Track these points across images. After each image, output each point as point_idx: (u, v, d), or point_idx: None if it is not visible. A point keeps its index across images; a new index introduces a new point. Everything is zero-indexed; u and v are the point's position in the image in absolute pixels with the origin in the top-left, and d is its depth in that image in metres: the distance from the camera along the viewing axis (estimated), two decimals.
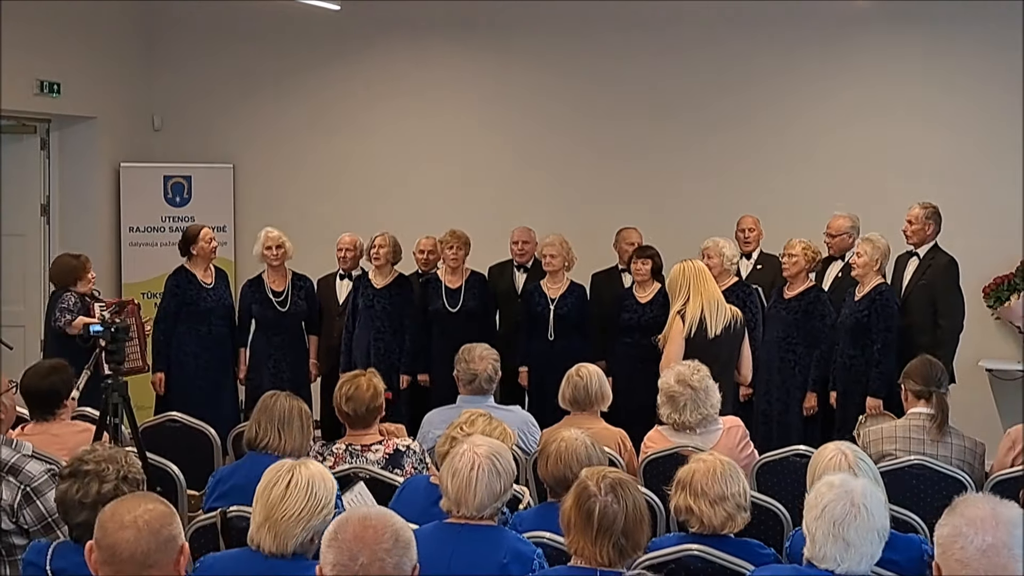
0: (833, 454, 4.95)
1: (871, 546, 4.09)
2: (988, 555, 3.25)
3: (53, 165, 12.16)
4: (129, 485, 4.59)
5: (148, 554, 3.55)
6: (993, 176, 10.85)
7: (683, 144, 11.70)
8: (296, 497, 4.25)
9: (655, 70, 11.73)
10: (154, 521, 3.59)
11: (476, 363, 7.55)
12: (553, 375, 7.63)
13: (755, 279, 9.91)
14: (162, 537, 3.59)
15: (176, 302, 9.77)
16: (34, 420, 6.54)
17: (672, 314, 8.23)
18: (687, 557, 4.80)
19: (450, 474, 4.69)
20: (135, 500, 3.67)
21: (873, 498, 4.12)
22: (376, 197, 12.24)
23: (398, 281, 10.15)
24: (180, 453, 7.05)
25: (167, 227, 12.24)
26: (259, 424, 5.93)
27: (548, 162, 12.06)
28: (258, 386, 9.73)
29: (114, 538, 3.55)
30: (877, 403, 8.54)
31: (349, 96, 12.53)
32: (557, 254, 9.99)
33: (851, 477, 4.27)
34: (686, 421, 6.71)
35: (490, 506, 4.72)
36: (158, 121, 12.87)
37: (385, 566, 3.41)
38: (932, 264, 9.14)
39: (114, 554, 3.55)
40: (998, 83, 10.79)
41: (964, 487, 6.21)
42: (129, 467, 4.66)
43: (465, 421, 5.71)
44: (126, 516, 3.58)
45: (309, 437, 6.03)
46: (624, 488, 4.31)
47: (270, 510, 4.26)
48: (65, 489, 4.58)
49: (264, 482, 4.34)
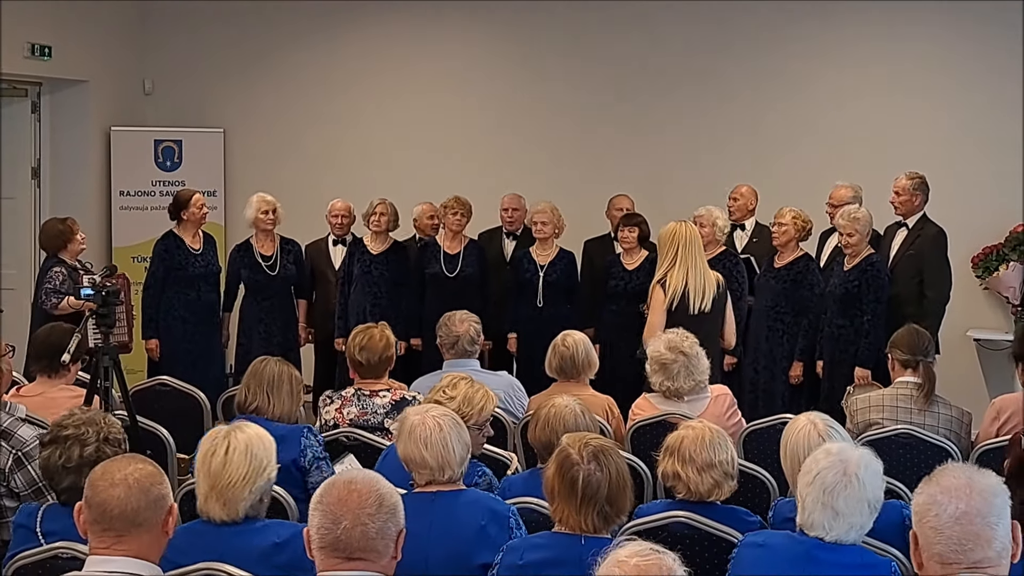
0: (804, 425, 4.96)
1: (861, 517, 4.11)
2: (961, 522, 3.25)
3: (44, 128, 12.12)
4: (111, 446, 4.65)
5: (137, 512, 3.58)
6: (983, 146, 10.85)
7: (680, 115, 11.66)
8: (237, 462, 4.28)
9: (652, 40, 11.68)
10: (144, 480, 3.62)
11: (456, 326, 7.60)
12: (541, 341, 7.66)
13: (751, 250, 9.90)
14: (151, 496, 3.62)
15: (164, 267, 9.75)
16: (37, 375, 6.56)
17: (653, 283, 8.23)
18: (674, 524, 4.82)
19: (421, 445, 4.66)
20: (125, 460, 3.71)
21: (869, 469, 4.13)
22: (368, 164, 12.21)
23: (395, 248, 10.19)
24: (170, 417, 7.09)
25: (157, 191, 12.21)
26: (249, 388, 5.97)
27: (541, 131, 12.03)
28: (248, 351, 9.76)
29: (104, 496, 3.58)
30: (865, 373, 8.57)
31: (341, 62, 12.50)
32: (548, 221, 9.99)
33: (851, 447, 4.27)
34: (680, 388, 6.70)
35: (467, 459, 4.76)
36: (149, 85, 12.83)
37: (368, 530, 3.43)
38: (921, 235, 9.16)
39: (104, 512, 3.58)
40: (993, 56, 10.78)
41: (950, 456, 6.23)
42: (109, 428, 4.71)
43: (447, 385, 5.70)
44: (116, 475, 3.61)
45: (298, 402, 6.08)
46: (606, 455, 4.31)
47: (214, 479, 4.28)
48: (48, 456, 4.64)
49: (202, 452, 4.35)
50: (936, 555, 3.27)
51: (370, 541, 3.42)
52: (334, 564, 3.43)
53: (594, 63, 11.86)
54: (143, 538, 3.59)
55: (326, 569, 3.45)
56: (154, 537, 3.63)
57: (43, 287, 9.12)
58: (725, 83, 11.56)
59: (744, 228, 10.19)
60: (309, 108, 12.57)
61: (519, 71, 12.13)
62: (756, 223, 10.23)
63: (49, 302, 9.00)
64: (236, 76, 12.68)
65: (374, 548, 3.43)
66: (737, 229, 10.07)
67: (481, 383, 5.81)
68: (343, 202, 10.56)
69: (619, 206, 10.46)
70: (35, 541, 4.55)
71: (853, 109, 11.18)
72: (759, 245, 9.98)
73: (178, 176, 12.27)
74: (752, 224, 10.23)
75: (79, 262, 9.30)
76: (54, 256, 9.27)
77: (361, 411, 6.65)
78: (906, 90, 11.08)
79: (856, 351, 8.73)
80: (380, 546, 3.44)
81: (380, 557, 3.44)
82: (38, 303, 9.21)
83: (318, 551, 3.46)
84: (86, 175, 12.18)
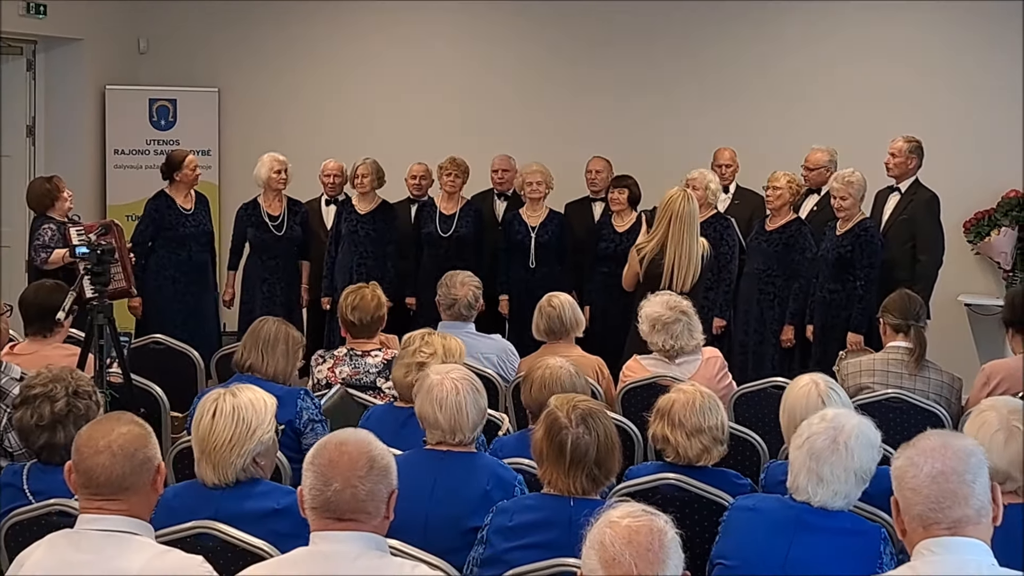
0: (806, 383, 5.01)
1: (845, 485, 4.13)
2: (938, 481, 3.28)
3: (39, 86, 12.11)
4: (80, 399, 4.73)
5: (124, 477, 3.60)
6: (976, 110, 10.86)
7: (668, 78, 11.67)
8: (224, 424, 4.30)
9: (643, 3, 11.67)
10: (128, 445, 3.64)
11: (457, 288, 7.63)
12: (533, 303, 7.67)
13: (732, 213, 9.87)
14: (136, 460, 3.64)
15: (154, 227, 9.78)
16: (30, 336, 6.58)
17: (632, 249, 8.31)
18: (664, 486, 4.85)
19: (436, 405, 4.73)
20: (109, 423, 3.72)
21: (861, 439, 4.15)
22: (363, 124, 12.19)
23: (382, 207, 10.19)
24: (164, 375, 7.11)
25: (152, 150, 12.21)
26: (245, 346, 6.02)
27: (532, 93, 12.03)
28: (251, 309, 9.85)
29: (89, 463, 3.61)
30: (858, 339, 8.58)
31: (337, 22, 12.47)
32: (541, 181, 10.01)
33: (849, 414, 4.28)
34: (684, 347, 6.74)
35: (480, 424, 4.81)
36: (143, 44, 12.79)
37: (358, 492, 3.44)
38: (914, 199, 9.17)
39: (90, 478, 3.61)
40: (987, 17, 10.78)
41: (941, 421, 6.27)
42: (77, 382, 4.77)
43: (421, 345, 5.79)
44: (100, 441, 3.63)
45: (294, 362, 6.09)
46: (595, 418, 4.33)
47: (203, 443, 4.32)
48: (20, 417, 4.71)
49: (195, 417, 4.39)
50: (916, 516, 3.31)
51: (360, 503, 3.44)
52: (325, 524, 3.46)
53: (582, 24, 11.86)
54: (131, 499, 3.61)
55: (318, 529, 3.47)
56: (143, 496, 3.66)
57: (33, 244, 9.13)
58: (713, 44, 11.57)
59: (728, 192, 10.20)
60: (304, 68, 12.54)
61: (512, 32, 12.13)
62: (737, 186, 10.27)
63: (39, 257, 9.02)
64: (231, 36, 12.64)
65: (364, 509, 3.45)
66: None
67: (451, 335, 5.92)
68: (335, 162, 10.57)
69: (592, 167, 10.50)
70: (24, 500, 4.60)
71: (844, 72, 11.18)
72: (740, 208, 10.01)
73: (172, 135, 12.27)
74: (734, 187, 10.27)
75: (67, 217, 9.30)
76: (43, 215, 9.26)
77: (353, 370, 6.69)
78: (899, 54, 11.08)
79: (848, 316, 8.74)
80: (371, 507, 3.46)
81: (371, 518, 3.46)
82: (30, 260, 9.23)
83: (310, 511, 3.48)
84: (81, 134, 12.17)
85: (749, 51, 11.48)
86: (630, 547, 3.08)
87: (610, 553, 3.09)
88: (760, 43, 11.47)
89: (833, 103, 11.12)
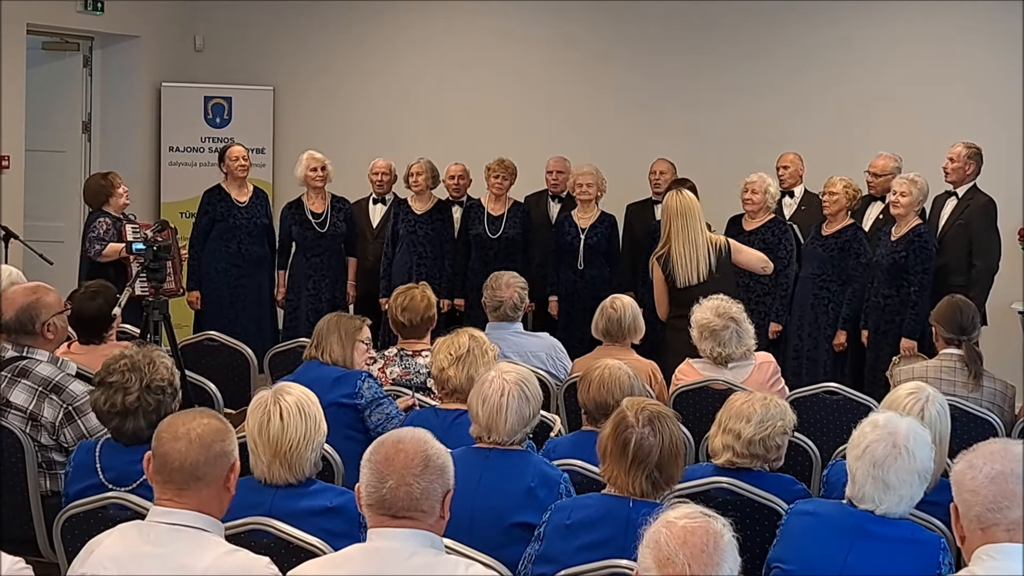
0: (912, 391, 4.92)
1: (911, 488, 4.10)
2: (997, 482, 3.32)
3: (95, 83, 12.22)
4: (153, 394, 4.81)
5: (197, 466, 3.63)
6: None
7: (725, 77, 11.64)
8: (295, 424, 4.32)
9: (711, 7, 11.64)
10: (206, 435, 3.67)
11: (502, 290, 7.63)
12: (581, 304, 7.67)
13: (798, 218, 9.81)
14: (212, 452, 3.67)
15: (207, 219, 9.92)
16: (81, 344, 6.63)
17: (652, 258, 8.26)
18: (715, 489, 4.84)
19: (480, 401, 4.78)
20: (193, 414, 3.77)
21: (917, 440, 4.12)
22: (415, 125, 12.21)
23: (438, 207, 10.23)
24: (217, 372, 7.17)
25: (206, 148, 12.29)
26: (310, 344, 6.26)
27: (587, 94, 12.01)
28: (296, 307, 9.91)
29: (166, 448, 3.65)
30: (912, 344, 8.52)
31: (391, 22, 12.50)
32: (592, 183, 9.98)
33: (897, 417, 4.24)
34: (732, 354, 6.70)
35: (520, 431, 4.81)
36: (200, 41, 12.88)
37: (413, 490, 3.46)
38: (971, 204, 9.05)
39: (165, 463, 3.64)
40: None
41: (995, 429, 6.22)
42: (152, 375, 4.83)
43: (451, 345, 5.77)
44: (180, 428, 3.67)
45: (351, 346, 6.20)
46: (662, 421, 4.34)
47: (275, 446, 4.31)
48: (96, 397, 4.86)
49: (256, 423, 4.36)
50: (975, 518, 3.33)
51: (415, 501, 3.45)
52: (381, 521, 3.47)
53: (646, 28, 11.84)
54: (203, 492, 3.63)
55: (374, 526, 3.48)
56: (214, 492, 3.67)
57: (88, 236, 9.23)
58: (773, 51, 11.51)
59: (793, 195, 10.12)
60: (359, 68, 12.59)
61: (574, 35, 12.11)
62: (805, 191, 10.15)
63: (93, 249, 9.12)
64: (287, 34, 12.70)
65: (419, 508, 3.46)
66: (785, 196, 10.00)
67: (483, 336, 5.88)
68: (384, 160, 10.58)
69: (657, 169, 10.48)
70: (94, 476, 4.76)
71: (903, 80, 11.09)
72: (807, 213, 9.90)
73: (227, 133, 12.33)
74: (801, 191, 10.13)
75: (123, 214, 9.38)
76: (98, 210, 9.35)
77: (404, 371, 6.71)
78: (958, 61, 10.99)
79: (902, 321, 8.68)
80: (425, 506, 3.47)
81: (426, 517, 3.47)
82: (84, 253, 9.32)
83: (366, 508, 3.50)
84: (136, 130, 12.26)
85: (819, 56, 11.42)
86: (684, 547, 3.09)
87: (664, 553, 3.10)
88: (827, 48, 11.40)
89: (901, 110, 11.01)
